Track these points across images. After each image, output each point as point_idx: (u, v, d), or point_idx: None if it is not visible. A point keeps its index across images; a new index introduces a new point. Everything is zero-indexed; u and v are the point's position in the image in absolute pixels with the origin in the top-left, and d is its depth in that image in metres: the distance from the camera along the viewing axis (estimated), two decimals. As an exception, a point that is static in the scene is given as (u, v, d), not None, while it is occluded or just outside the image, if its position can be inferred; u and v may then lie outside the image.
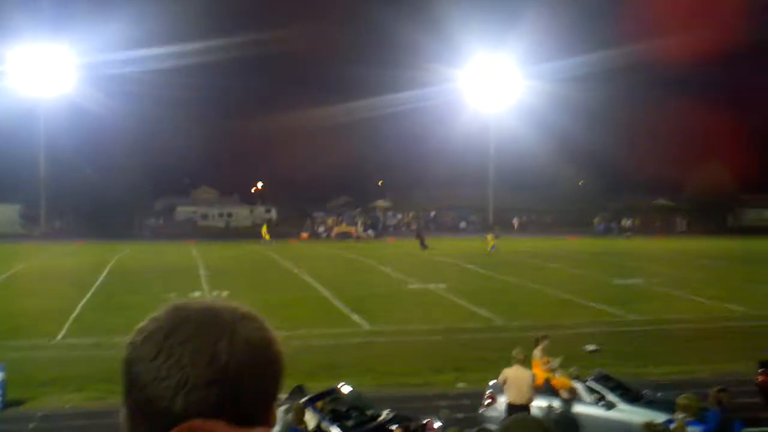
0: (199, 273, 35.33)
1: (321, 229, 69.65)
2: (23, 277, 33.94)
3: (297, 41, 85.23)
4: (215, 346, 1.07)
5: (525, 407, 11.60)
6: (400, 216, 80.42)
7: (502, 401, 12.34)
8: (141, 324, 1.15)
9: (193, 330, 1.08)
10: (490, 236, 49.32)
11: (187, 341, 1.07)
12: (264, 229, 56.21)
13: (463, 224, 78.11)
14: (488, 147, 77.21)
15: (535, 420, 3.28)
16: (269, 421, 1.10)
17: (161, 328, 1.10)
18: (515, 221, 76.83)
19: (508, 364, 12.30)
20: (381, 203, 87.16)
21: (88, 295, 28.00)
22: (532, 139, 71.78)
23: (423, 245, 50.78)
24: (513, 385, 12.01)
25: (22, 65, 64.24)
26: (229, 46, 70.10)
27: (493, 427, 9.38)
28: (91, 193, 73.65)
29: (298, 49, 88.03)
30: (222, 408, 1.04)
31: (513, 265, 39.37)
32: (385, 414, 11.86)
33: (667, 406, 11.37)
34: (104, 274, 34.88)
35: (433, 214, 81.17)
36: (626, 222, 74.90)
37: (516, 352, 12.40)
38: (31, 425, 13.61)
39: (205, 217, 79.79)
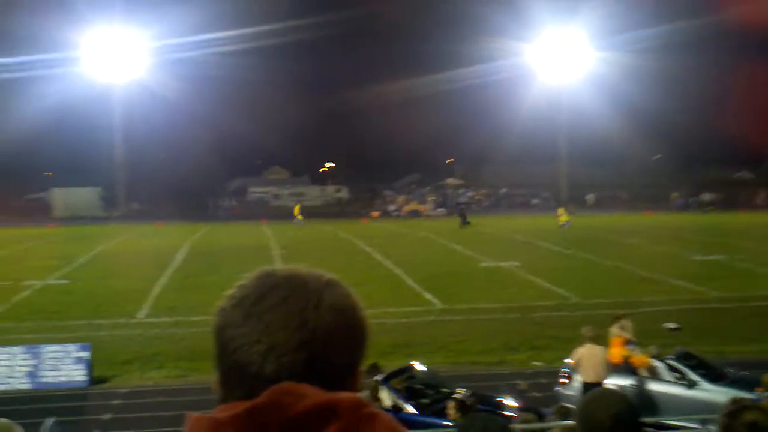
0: (273, 252, 35.83)
1: (391, 207, 69.69)
2: (104, 258, 35.03)
3: (364, 19, 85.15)
4: (304, 311, 1.09)
5: (600, 385, 11.36)
6: (470, 194, 79.71)
7: (578, 380, 12.13)
8: (230, 291, 1.16)
9: (282, 296, 1.10)
10: (561, 211, 48.44)
11: (276, 306, 1.09)
12: (296, 210, 55.90)
13: (535, 201, 76.92)
14: (560, 122, 75.76)
15: (616, 393, 3.13)
16: (355, 387, 1.13)
17: (250, 294, 1.12)
18: (589, 197, 75.19)
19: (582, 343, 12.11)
20: (451, 181, 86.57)
21: (167, 275, 28.72)
22: (606, 112, 69.99)
23: (464, 222, 50.24)
24: (586, 363, 11.81)
25: (97, 50, 65.94)
26: (298, 27, 70.66)
27: (570, 405, 9.20)
28: (166, 175, 75.60)
29: (365, 28, 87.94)
30: (310, 372, 1.06)
31: (588, 241, 38.60)
32: (461, 392, 11.78)
33: (752, 385, 10.96)
34: (181, 254, 35.71)
35: (504, 191, 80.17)
36: (706, 196, 72.39)
37: (585, 330, 12.20)
38: (115, 401, 14.06)
39: (277, 197, 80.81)
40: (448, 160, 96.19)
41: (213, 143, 75.74)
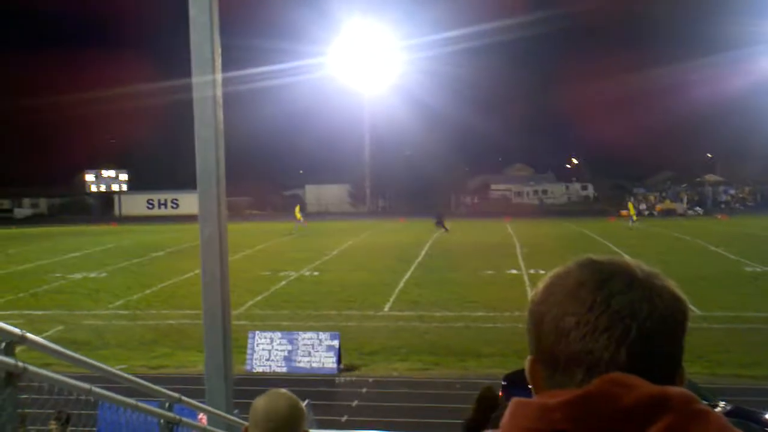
0: (516, 250, 35.36)
1: (642, 206, 66.32)
2: (353, 252, 36.68)
3: (605, 11, 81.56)
4: (647, 299, 1.07)
5: None
6: (733, 191, 73.27)
7: None
8: (549, 279, 1.14)
9: (625, 282, 1.08)
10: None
11: (621, 294, 1.07)
12: (297, 210, 53.72)
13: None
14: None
15: None
16: (682, 381, 1.09)
17: (587, 282, 1.09)
18: None
19: None
20: (710, 177, 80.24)
21: (411, 270, 29.36)
22: None
23: (440, 225, 47.11)
24: None
25: (347, 54, 69.38)
26: (541, 21, 69.31)
27: None
28: (410, 173, 77.95)
29: (608, 18, 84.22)
30: (641, 362, 1.05)
31: None
32: (721, 406, 10.61)
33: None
34: (425, 250, 36.41)
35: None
36: None
37: None
38: (363, 390, 14.45)
39: (519, 194, 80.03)
40: (708, 155, 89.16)
41: (455, 141, 76.73)
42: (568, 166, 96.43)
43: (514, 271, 28.46)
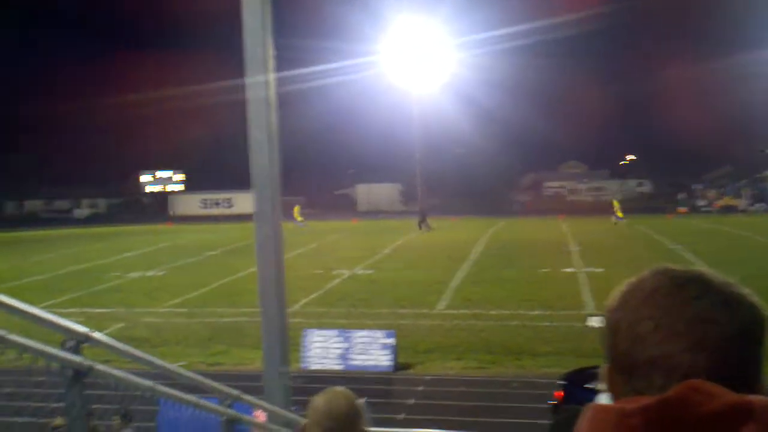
0: (570, 248, 34.88)
1: (701, 202, 64.79)
2: (405, 250, 36.63)
3: (656, 4, 79.84)
4: (725, 305, 1.06)
5: None
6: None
7: None
8: (625, 288, 1.13)
9: (700, 289, 1.07)
10: None
11: (698, 300, 1.06)
12: (296, 210, 52.67)
13: None
14: None
15: None
16: (763, 389, 1.06)
17: (662, 288, 1.09)
18: None
19: None
20: (772, 173, 77.88)
21: (464, 268, 29.19)
22: None
23: (424, 225, 46.78)
24: None
25: (397, 53, 69.25)
26: (592, 17, 68.21)
27: None
28: (462, 171, 77.61)
29: (660, 12, 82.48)
30: (722, 370, 1.03)
31: None
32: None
33: None
34: (478, 248, 36.17)
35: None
36: None
37: None
38: (419, 388, 14.40)
39: (573, 191, 78.98)
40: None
41: (508, 139, 76.12)
42: (624, 162, 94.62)
43: (569, 270, 28.06)
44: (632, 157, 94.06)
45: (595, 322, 15.40)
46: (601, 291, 22.30)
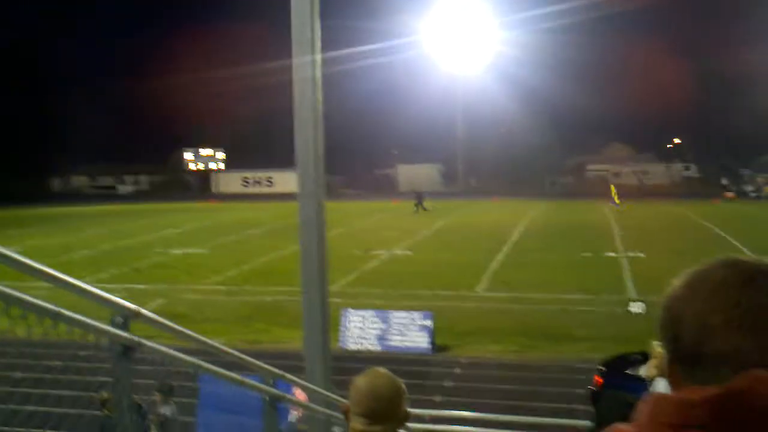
0: (613, 232, 34.46)
1: (750, 188, 63.44)
2: (445, 232, 36.54)
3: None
4: None
5: None
6: None
7: None
8: (690, 277, 1.12)
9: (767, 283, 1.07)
10: None
11: (765, 294, 1.05)
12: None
13: None
14: None
15: None
16: None
17: (729, 279, 1.08)
18: None
19: None
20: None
21: (504, 251, 29.03)
22: None
23: (419, 206, 46.42)
24: None
25: (440, 33, 68.73)
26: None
27: None
28: (504, 152, 77.01)
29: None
30: None
31: None
32: None
33: None
34: (519, 230, 35.93)
35: None
36: None
37: None
38: (457, 370, 14.40)
39: (617, 175, 77.83)
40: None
41: (551, 120, 75.12)
42: (670, 145, 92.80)
43: (611, 254, 27.74)
44: (678, 141, 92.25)
45: (636, 308, 15.24)
46: (642, 276, 22.02)
